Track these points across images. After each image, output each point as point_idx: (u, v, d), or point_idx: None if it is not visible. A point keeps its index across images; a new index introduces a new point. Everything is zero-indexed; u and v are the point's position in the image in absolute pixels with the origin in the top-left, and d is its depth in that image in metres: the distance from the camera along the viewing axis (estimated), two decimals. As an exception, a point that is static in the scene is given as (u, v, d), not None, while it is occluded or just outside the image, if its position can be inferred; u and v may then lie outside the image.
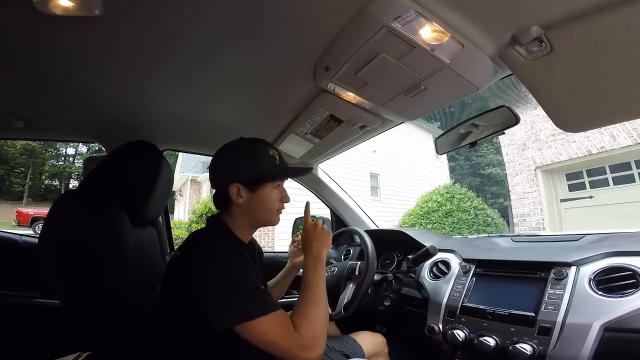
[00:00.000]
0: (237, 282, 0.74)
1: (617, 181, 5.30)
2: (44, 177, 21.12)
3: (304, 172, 1.05)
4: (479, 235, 1.49)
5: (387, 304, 1.33)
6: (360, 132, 1.28)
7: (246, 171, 0.88)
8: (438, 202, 7.56)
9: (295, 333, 0.73)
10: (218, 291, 0.72)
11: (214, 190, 0.93)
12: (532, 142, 6.27)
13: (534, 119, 6.21)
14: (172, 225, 2.36)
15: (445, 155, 12.20)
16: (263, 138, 0.98)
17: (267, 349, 0.72)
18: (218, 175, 0.91)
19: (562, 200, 5.93)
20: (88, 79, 1.02)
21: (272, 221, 0.94)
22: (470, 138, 1.22)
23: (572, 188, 5.90)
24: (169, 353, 0.82)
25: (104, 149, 1.47)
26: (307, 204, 1.03)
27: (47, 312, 1.30)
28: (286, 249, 1.33)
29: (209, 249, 0.78)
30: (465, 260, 1.20)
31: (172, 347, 0.81)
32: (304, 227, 0.96)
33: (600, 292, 0.83)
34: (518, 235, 1.33)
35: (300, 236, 1.12)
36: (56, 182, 21.70)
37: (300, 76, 1.01)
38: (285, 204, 0.95)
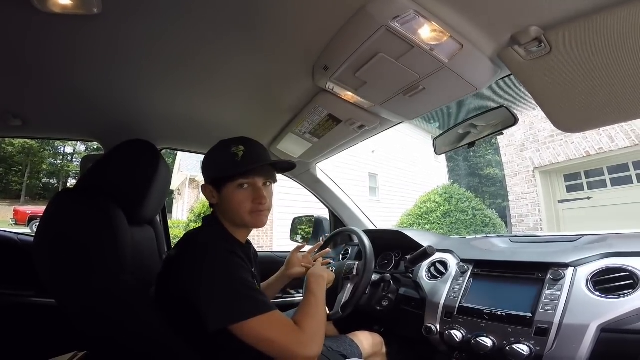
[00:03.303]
0: (232, 282, 0.74)
1: (615, 182, 5.33)
2: (41, 175, 21.05)
3: (266, 167, 0.90)
4: (477, 236, 1.49)
5: (384, 304, 1.33)
6: (359, 132, 1.28)
7: (208, 171, 0.91)
8: (436, 203, 7.56)
9: (295, 328, 0.75)
10: (213, 291, 0.72)
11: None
12: (531, 143, 6.29)
13: (532, 119, 6.23)
14: (170, 224, 2.35)
15: (444, 156, 12.21)
16: (261, 137, 0.98)
17: (263, 349, 0.72)
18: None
19: (560, 201, 5.96)
20: (86, 77, 1.01)
21: (248, 222, 0.88)
22: (468, 138, 1.23)
23: (570, 189, 5.92)
24: (165, 353, 0.81)
25: (102, 148, 1.47)
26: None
27: (43, 311, 1.29)
28: (285, 248, 1.33)
29: (204, 248, 0.78)
30: (463, 260, 1.20)
31: (168, 346, 0.80)
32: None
33: (597, 293, 0.83)
34: (516, 236, 1.33)
35: (301, 249, 1.23)
36: (54, 181, 21.64)
37: (298, 75, 1.01)
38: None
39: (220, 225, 0.90)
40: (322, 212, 2.02)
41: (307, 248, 1.31)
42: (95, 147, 1.54)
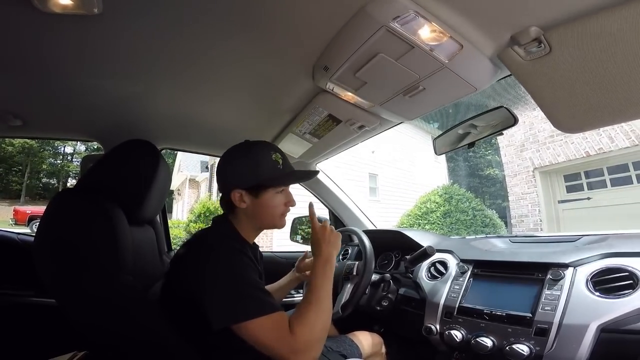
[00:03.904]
0: (238, 281, 0.74)
1: (615, 183, 5.32)
2: (41, 175, 21.05)
3: (308, 177, 1.05)
4: (477, 236, 1.50)
5: (384, 304, 1.33)
6: (359, 132, 1.28)
7: (247, 177, 0.87)
8: (436, 203, 7.56)
9: (289, 335, 0.72)
10: (218, 289, 0.72)
11: (213, 190, 0.93)
12: (531, 143, 6.28)
13: (532, 120, 6.23)
14: (170, 224, 2.36)
15: (444, 156, 12.20)
16: (262, 137, 0.98)
17: (260, 350, 0.72)
18: (222, 180, 0.92)
19: (560, 202, 5.95)
20: (87, 77, 1.01)
21: (277, 225, 0.94)
22: (468, 138, 1.23)
23: (570, 189, 5.92)
24: (165, 352, 0.81)
25: (102, 148, 1.47)
26: (311, 205, 1.03)
27: (43, 311, 1.29)
28: (285, 248, 1.32)
29: (213, 247, 0.79)
30: (462, 260, 1.20)
31: (168, 346, 0.80)
32: (312, 229, 0.96)
33: (597, 293, 0.84)
34: (515, 236, 1.33)
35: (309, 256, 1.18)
36: (54, 181, 21.64)
37: (299, 76, 1.01)
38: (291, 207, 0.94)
39: (231, 226, 0.90)
40: (322, 212, 2.02)
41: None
42: (95, 147, 1.53)
